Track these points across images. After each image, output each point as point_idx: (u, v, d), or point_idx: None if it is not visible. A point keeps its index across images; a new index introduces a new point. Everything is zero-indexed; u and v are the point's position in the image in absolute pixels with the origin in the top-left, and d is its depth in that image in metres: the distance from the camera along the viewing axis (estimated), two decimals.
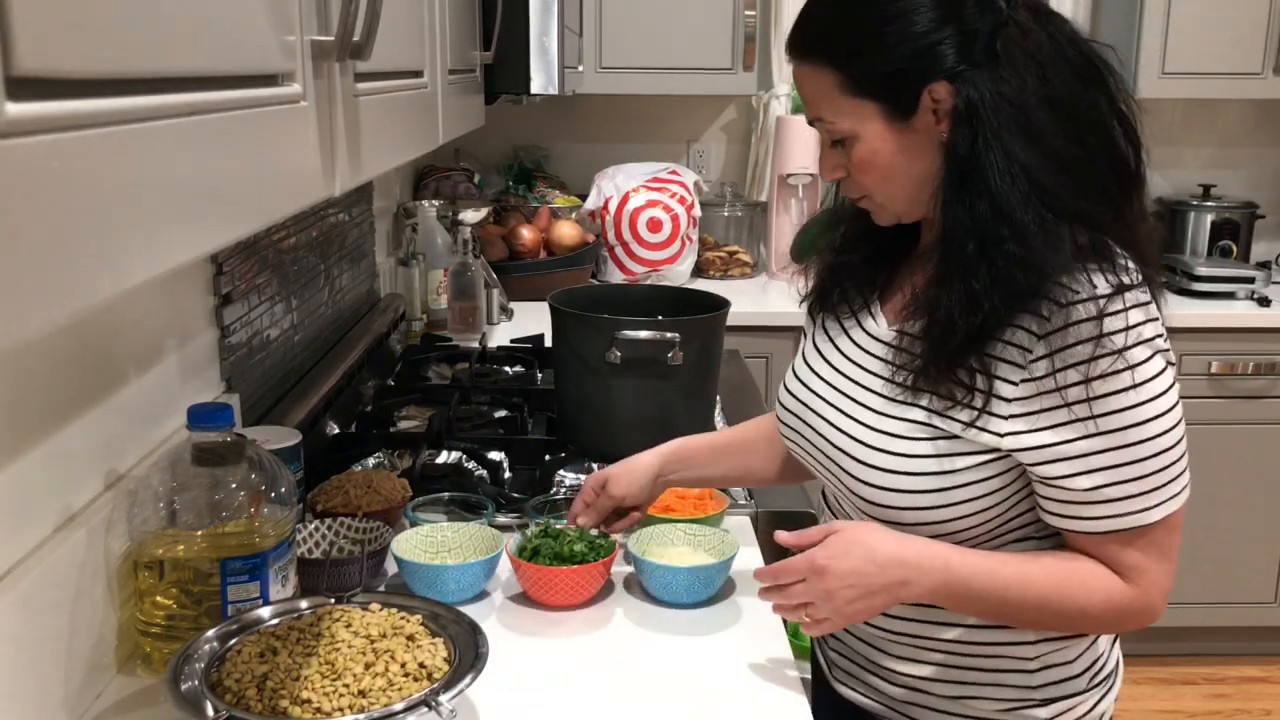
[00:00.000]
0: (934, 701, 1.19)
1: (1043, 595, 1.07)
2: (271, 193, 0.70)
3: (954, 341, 1.05)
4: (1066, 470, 1.03)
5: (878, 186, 1.12)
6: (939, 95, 1.05)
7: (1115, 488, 1.03)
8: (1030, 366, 1.02)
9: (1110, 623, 1.11)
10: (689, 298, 1.90)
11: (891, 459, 1.10)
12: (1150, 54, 3.11)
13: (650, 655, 1.22)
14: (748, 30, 3.16)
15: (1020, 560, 1.09)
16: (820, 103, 1.10)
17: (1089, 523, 1.05)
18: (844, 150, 1.12)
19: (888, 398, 1.12)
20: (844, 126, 1.09)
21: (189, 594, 1.13)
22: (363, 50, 0.84)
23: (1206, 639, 3.21)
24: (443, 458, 1.76)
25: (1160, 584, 1.08)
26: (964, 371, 1.05)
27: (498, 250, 3.03)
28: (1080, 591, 1.07)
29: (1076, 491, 1.04)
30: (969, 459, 1.07)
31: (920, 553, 1.08)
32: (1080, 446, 1.02)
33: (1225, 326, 2.99)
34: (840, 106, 1.09)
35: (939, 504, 1.08)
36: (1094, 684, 1.19)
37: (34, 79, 0.41)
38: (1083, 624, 1.12)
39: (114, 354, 1.18)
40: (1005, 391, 1.04)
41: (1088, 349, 1.00)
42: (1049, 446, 1.03)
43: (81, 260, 0.45)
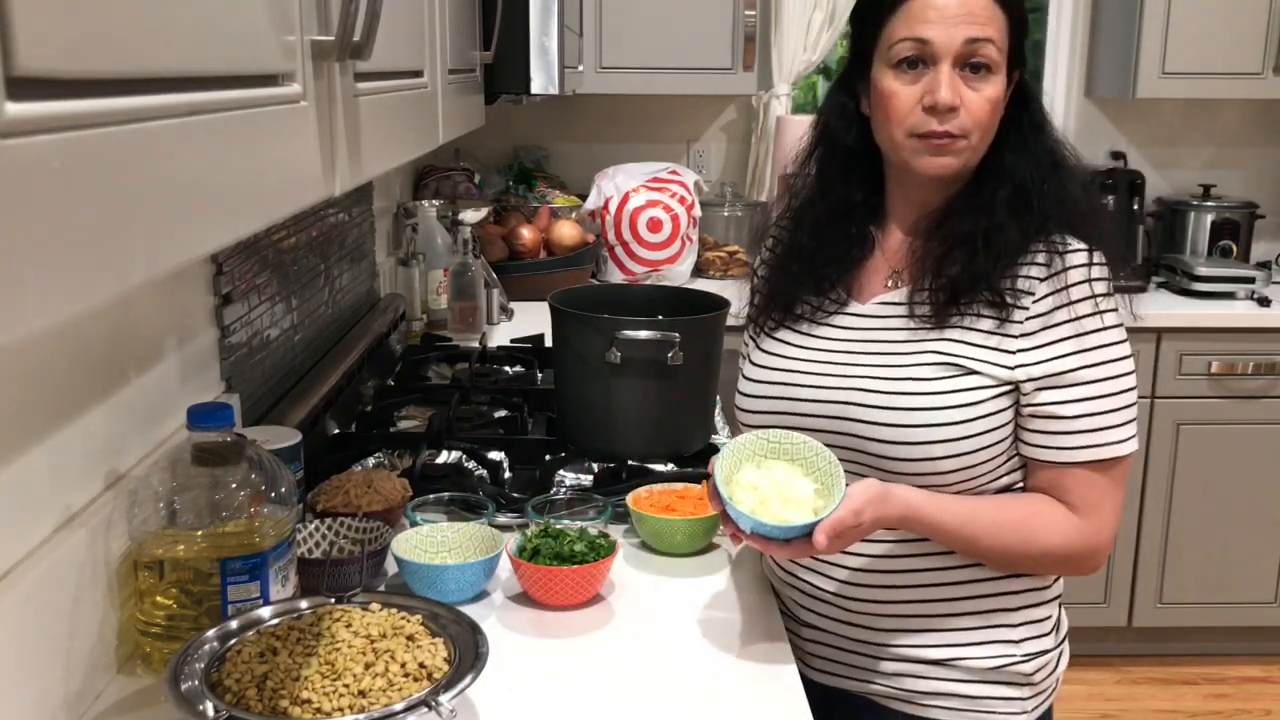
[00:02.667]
0: (925, 669, 1.26)
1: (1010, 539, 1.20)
2: (271, 193, 0.70)
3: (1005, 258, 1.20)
4: (1059, 396, 1.18)
5: (987, 129, 1.22)
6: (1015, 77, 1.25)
7: (1097, 418, 1.18)
8: (1035, 305, 1.18)
9: (1070, 562, 1.23)
10: (689, 298, 1.90)
11: (916, 398, 1.19)
12: (1150, 54, 3.11)
13: (650, 655, 1.22)
14: (748, 30, 3.16)
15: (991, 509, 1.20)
16: (991, 30, 1.20)
17: (1070, 452, 1.19)
18: (973, 81, 1.20)
19: (902, 350, 1.23)
20: (1000, 60, 1.21)
21: (189, 594, 1.13)
22: (363, 50, 0.84)
23: (1206, 639, 3.21)
24: (443, 458, 1.76)
25: (1111, 526, 1.22)
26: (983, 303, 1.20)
27: (498, 250, 3.03)
28: (1043, 533, 1.20)
29: (1065, 420, 1.18)
30: (985, 392, 1.19)
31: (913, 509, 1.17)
32: (1075, 375, 1.18)
33: (1225, 326, 2.99)
34: (1002, 44, 1.21)
35: (960, 436, 1.18)
36: (1059, 642, 1.32)
37: (34, 79, 0.41)
38: (1044, 564, 1.24)
39: (114, 354, 1.18)
40: (1014, 328, 1.19)
41: (1086, 289, 1.18)
42: (1050, 375, 1.18)
43: (81, 260, 0.45)
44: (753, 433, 1.22)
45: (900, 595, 1.26)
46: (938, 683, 1.26)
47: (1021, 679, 1.26)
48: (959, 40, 1.18)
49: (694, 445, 1.77)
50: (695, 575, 1.42)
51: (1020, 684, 1.27)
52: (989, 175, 1.24)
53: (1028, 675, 1.27)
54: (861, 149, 1.30)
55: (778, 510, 1.14)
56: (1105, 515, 1.21)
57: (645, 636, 1.26)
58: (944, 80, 1.18)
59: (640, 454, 1.72)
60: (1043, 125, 1.27)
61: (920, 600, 1.25)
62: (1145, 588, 3.13)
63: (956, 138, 1.20)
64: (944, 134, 1.20)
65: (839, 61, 3.75)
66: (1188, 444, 3.05)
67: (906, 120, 1.21)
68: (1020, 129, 1.25)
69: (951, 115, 1.19)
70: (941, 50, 1.19)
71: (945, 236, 1.23)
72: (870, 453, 1.22)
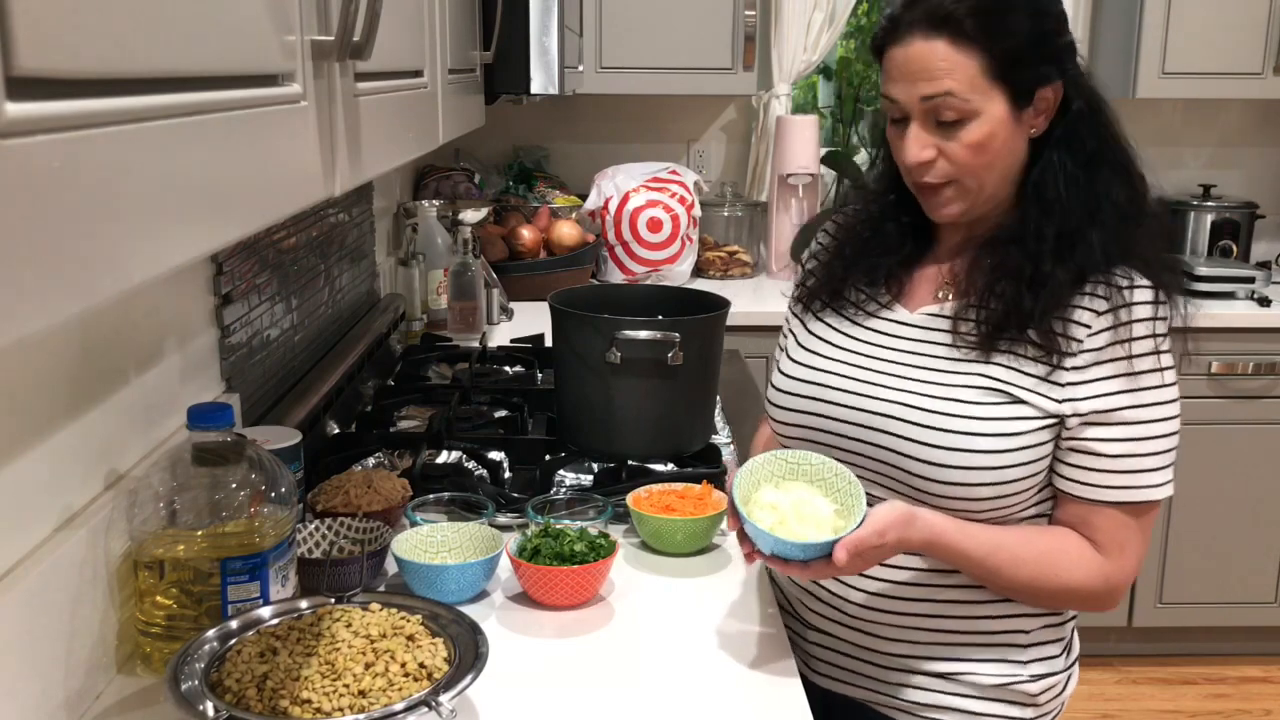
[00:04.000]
0: (928, 681, 1.24)
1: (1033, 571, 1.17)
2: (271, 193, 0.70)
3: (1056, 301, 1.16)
4: (1104, 434, 1.15)
5: (980, 170, 1.18)
6: (1047, 95, 1.17)
7: (1137, 459, 1.16)
8: (1089, 340, 1.15)
9: (1089, 599, 1.20)
10: (689, 298, 1.90)
11: (957, 420, 1.17)
12: (1150, 54, 3.11)
13: (650, 655, 1.22)
14: (748, 30, 3.16)
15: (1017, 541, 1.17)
16: (953, 78, 1.15)
17: (1104, 491, 1.16)
18: (948, 131, 1.16)
19: (948, 369, 1.20)
20: (970, 106, 1.15)
21: (189, 594, 1.13)
22: (363, 50, 0.84)
23: (1206, 639, 3.21)
24: (443, 458, 1.76)
25: (1133, 569, 1.19)
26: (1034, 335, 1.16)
27: (498, 250, 3.03)
28: (1066, 569, 1.17)
29: (1105, 458, 1.16)
30: (1031, 423, 1.16)
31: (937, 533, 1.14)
32: (1122, 415, 1.15)
33: (1225, 326, 2.99)
34: (977, 86, 1.15)
35: (1000, 465, 1.15)
36: (1070, 664, 1.30)
37: (34, 79, 0.41)
38: (1062, 599, 1.21)
39: (114, 354, 1.18)
40: (1067, 361, 1.15)
41: (1145, 327, 1.15)
42: (1098, 412, 1.15)
43: (81, 260, 0.45)
44: (771, 453, 1.21)
45: (914, 609, 1.23)
46: (941, 696, 1.24)
47: (1026, 698, 1.24)
48: (915, 99, 1.16)
49: (694, 445, 1.77)
50: (695, 575, 1.42)
51: (1024, 703, 1.25)
52: (1034, 208, 1.19)
53: (1032, 695, 1.24)
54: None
55: (796, 529, 1.12)
56: (1129, 557, 1.18)
57: (645, 636, 1.26)
58: (909, 138, 1.18)
59: (640, 454, 1.72)
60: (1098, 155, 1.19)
61: (933, 615, 1.23)
62: (1145, 588, 3.13)
63: (942, 187, 1.19)
64: (927, 186, 1.19)
65: (838, 62, 3.75)
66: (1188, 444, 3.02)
67: (906, 174, 1.22)
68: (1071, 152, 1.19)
69: (926, 169, 1.18)
70: (907, 108, 1.18)
71: (992, 266, 1.19)
72: (904, 469, 1.19)
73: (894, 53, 1.17)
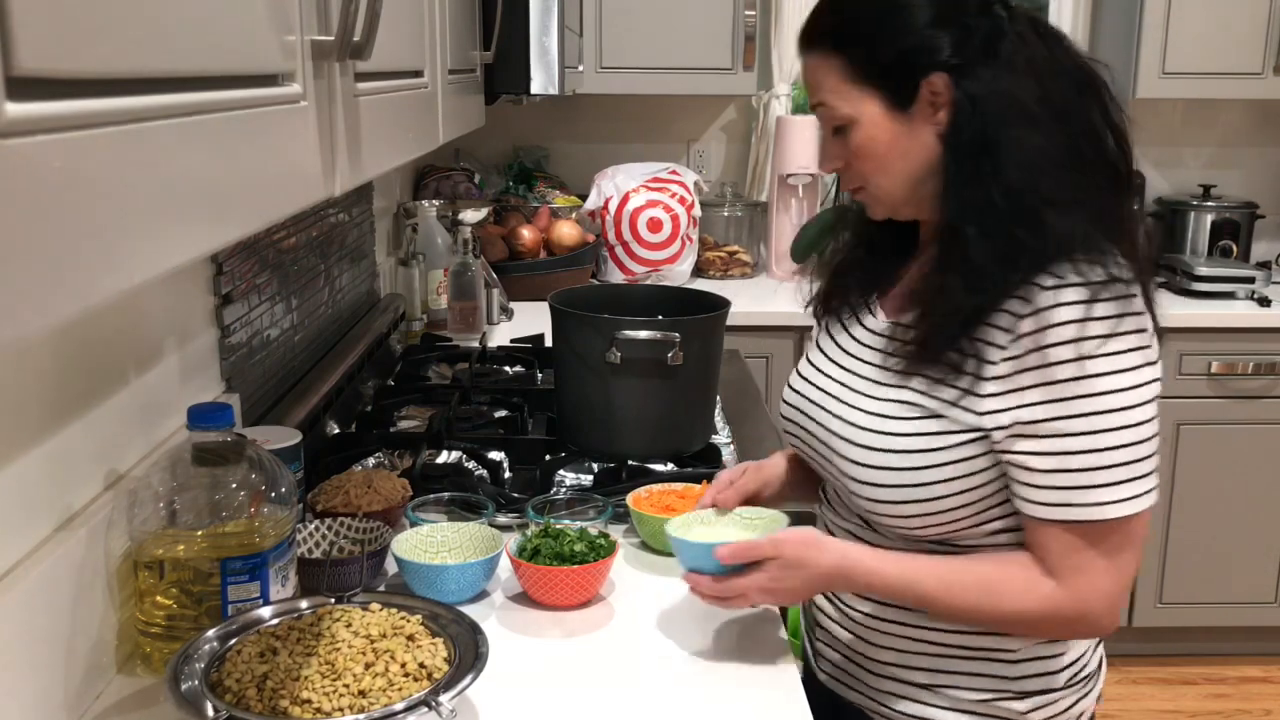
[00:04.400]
0: (912, 691, 1.21)
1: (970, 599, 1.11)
2: (271, 193, 0.70)
3: (951, 323, 1.09)
4: (1031, 447, 1.07)
5: (874, 174, 1.16)
6: (937, 87, 1.10)
7: (1072, 475, 1.06)
8: (1011, 346, 1.06)
9: (1039, 625, 1.13)
10: (689, 298, 1.90)
11: (880, 438, 1.14)
12: (1150, 54, 3.11)
13: (650, 655, 1.22)
14: (748, 30, 3.16)
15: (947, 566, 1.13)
16: (824, 89, 1.15)
17: (1042, 509, 1.08)
18: (844, 139, 1.16)
19: (879, 382, 1.17)
20: (845, 111, 1.14)
21: (189, 594, 1.13)
22: (363, 50, 0.84)
23: (1206, 639, 3.21)
24: (443, 458, 1.76)
25: (1101, 590, 1.08)
26: (954, 352, 1.09)
27: (498, 250, 3.03)
28: (1009, 597, 1.10)
29: (1037, 472, 1.07)
30: (952, 438, 1.10)
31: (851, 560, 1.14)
32: (1049, 426, 1.05)
33: (1225, 326, 2.99)
34: (843, 93, 1.14)
35: (923, 481, 1.12)
36: (1072, 683, 1.21)
37: (34, 79, 0.41)
38: (1013, 625, 1.14)
39: (114, 354, 1.18)
40: (987, 371, 1.08)
41: (1069, 331, 1.03)
42: (1020, 423, 1.06)
43: (81, 260, 0.45)
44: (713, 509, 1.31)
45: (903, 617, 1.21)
46: (925, 707, 1.21)
47: (1013, 715, 1.19)
48: (814, 108, 1.19)
49: (694, 445, 1.77)
50: None
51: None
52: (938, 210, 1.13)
53: (1020, 713, 1.19)
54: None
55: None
56: (1092, 580, 1.07)
57: (645, 637, 1.26)
58: (819, 149, 1.20)
59: (640, 454, 1.72)
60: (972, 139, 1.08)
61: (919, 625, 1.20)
62: (1145, 588, 3.13)
63: (857, 192, 1.20)
64: (849, 190, 1.21)
65: None
66: (1188, 444, 3.04)
67: None
68: (955, 148, 1.10)
69: (841, 173, 1.20)
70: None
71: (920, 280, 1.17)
72: (846, 487, 1.18)
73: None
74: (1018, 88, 1.08)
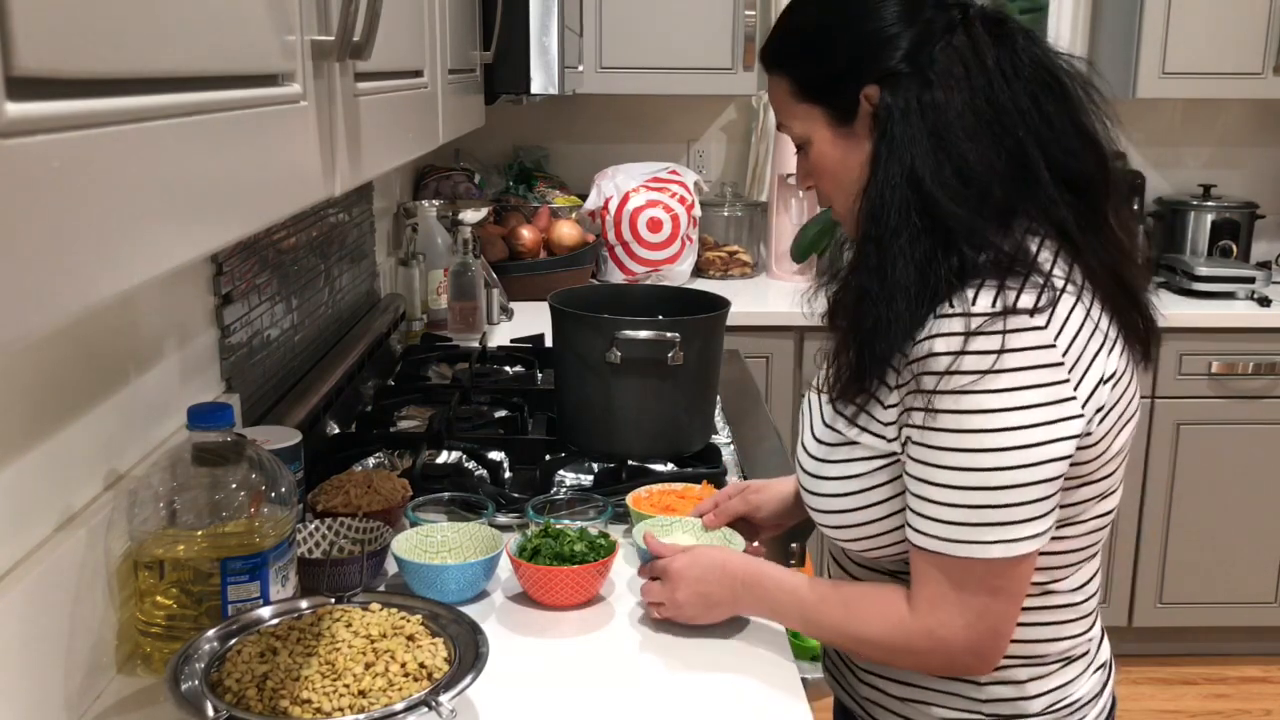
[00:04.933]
0: (890, 703, 1.21)
1: (834, 617, 1.14)
2: (271, 193, 0.70)
3: (855, 350, 1.07)
4: (910, 470, 1.05)
5: (830, 191, 1.17)
6: (873, 98, 1.08)
7: (935, 507, 1.03)
8: (903, 371, 1.04)
9: (898, 653, 1.11)
10: (689, 298, 1.90)
11: (817, 464, 1.17)
12: (1150, 54, 3.11)
13: (650, 655, 1.22)
14: (748, 30, 3.16)
15: (830, 585, 1.18)
16: (779, 109, 1.17)
17: (915, 535, 1.05)
18: (805, 157, 1.18)
19: (821, 411, 1.19)
20: (798, 130, 1.16)
21: (189, 594, 1.13)
22: (363, 50, 0.84)
23: (1206, 639, 3.21)
24: (443, 458, 1.76)
25: (953, 629, 1.05)
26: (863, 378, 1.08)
27: (498, 250, 3.03)
28: (860, 618, 1.11)
29: (911, 497, 1.05)
30: (867, 464, 1.11)
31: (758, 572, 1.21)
32: (916, 451, 1.04)
33: (1225, 326, 2.99)
34: (794, 111, 1.15)
35: (852, 506, 1.13)
36: (1050, 711, 1.16)
37: (34, 79, 0.41)
38: (875, 650, 1.13)
39: (114, 354, 1.18)
40: (886, 397, 1.07)
41: (944, 363, 0.99)
42: (907, 444, 1.05)
43: (81, 260, 0.45)
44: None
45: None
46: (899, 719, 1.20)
47: None
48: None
49: (694, 445, 1.77)
50: None
51: None
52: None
53: None
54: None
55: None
56: (943, 616, 1.04)
57: (645, 637, 1.26)
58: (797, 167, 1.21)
59: (640, 454, 1.72)
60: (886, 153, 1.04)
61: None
62: (1145, 588, 3.13)
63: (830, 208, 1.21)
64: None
65: None
66: (1188, 444, 3.05)
67: None
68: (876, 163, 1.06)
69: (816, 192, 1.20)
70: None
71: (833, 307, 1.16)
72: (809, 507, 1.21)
73: None
74: (943, 99, 1.03)
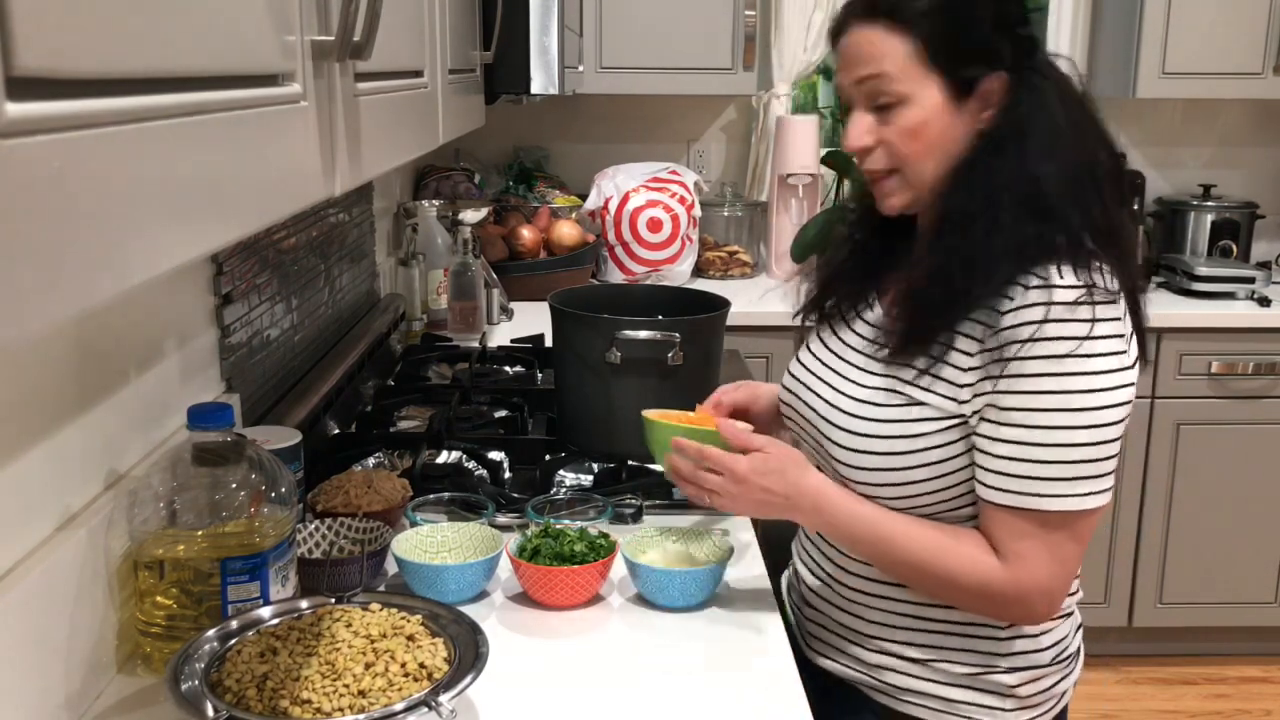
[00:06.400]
0: (905, 665, 1.26)
1: (920, 554, 1.17)
2: (271, 193, 0.70)
3: (941, 312, 1.15)
4: (991, 433, 1.14)
5: (916, 158, 1.17)
6: (994, 87, 1.16)
7: (1023, 464, 1.12)
8: (989, 339, 1.13)
9: (977, 598, 1.18)
10: (689, 298, 1.90)
11: (866, 424, 1.20)
12: (1150, 54, 3.10)
13: (650, 655, 1.22)
14: (748, 30, 3.16)
15: (910, 520, 1.19)
16: (883, 63, 1.16)
17: (994, 493, 1.14)
18: (884, 116, 1.17)
19: (867, 370, 1.24)
20: (900, 90, 1.16)
21: (189, 594, 1.13)
22: (363, 50, 0.84)
23: (1206, 639, 3.21)
24: (443, 458, 1.76)
25: (1038, 580, 1.14)
26: (935, 344, 1.16)
27: (498, 250, 3.03)
28: (953, 558, 1.16)
29: (993, 458, 1.14)
30: (932, 424, 1.17)
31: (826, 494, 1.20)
32: (1010, 416, 1.12)
33: (1225, 326, 2.99)
34: (908, 72, 1.15)
35: (904, 465, 1.19)
36: (1057, 661, 1.28)
37: (34, 79, 0.41)
38: (952, 591, 1.19)
39: (114, 354, 1.18)
40: (963, 361, 1.15)
41: (1051, 329, 1.09)
42: (990, 408, 1.13)
43: (81, 260, 0.45)
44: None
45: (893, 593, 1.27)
46: (917, 681, 1.26)
47: (1003, 689, 1.24)
48: (850, 83, 1.19)
49: None
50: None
51: (1001, 694, 1.25)
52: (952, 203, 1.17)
53: (1009, 686, 1.24)
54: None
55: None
56: (1032, 567, 1.13)
57: (645, 636, 1.26)
58: (850, 124, 1.20)
59: (640, 454, 1.71)
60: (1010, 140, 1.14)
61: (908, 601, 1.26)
62: (1145, 588, 3.13)
63: (883, 177, 1.21)
64: (872, 175, 1.22)
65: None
66: (1188, 444, 3.04)
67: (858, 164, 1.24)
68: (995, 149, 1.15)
69: (867, 156, 1.20)
70: (847, 96, 1.20)
71: (913, 268, 1.21)
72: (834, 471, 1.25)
73: (840, 42, 1.21)
74: (1055, 103, 1.16)
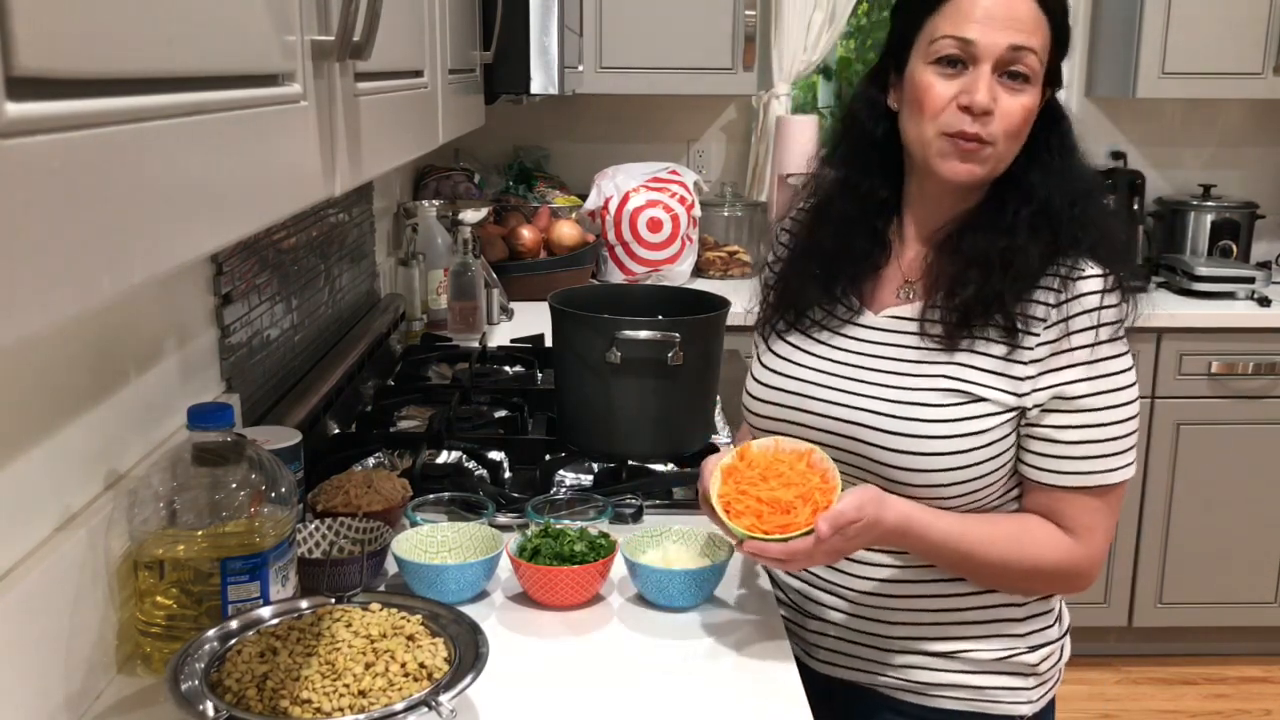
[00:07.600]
0: (933, 661, 1.28)
1: (1004, 554, 1.21)
2: (271, 193, 0.70)
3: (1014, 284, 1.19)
4: (1061, 421, 1.19)
5: (1015, 137, 1.20)
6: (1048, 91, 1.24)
7: (1096, 445, 1.19)
8: (1046, 331, 1.19)
9: (1060, 580, 1.25)
10: (689, 298, 1.90)
11: (923, 425, 1.20)
12: (1150, 54, 3.11)
13: (650, 655, 1.22)
14: (748, 30, 3.16)
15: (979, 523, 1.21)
16: (1034, 39, 1.19)
17: (1064, 477, 1.20)
18: (1011, 89, 1.18)
19: (912, 371, 1.23)
20: (1038, 69, 1.19)
21: (189, 594, 1.13)
22: (363, 50, 0.84)
23: (1206, 639, 3.21)
24: (443, 458, 1.76)
25: (1103, 549, 1.24)
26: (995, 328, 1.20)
27: (498, 250, 3.03)
28: (1033, 547, 1.21)
29: (1063, 444, 1.19)
30: (991, 419, 1.20)
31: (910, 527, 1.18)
32: (1079, 403, 1.18)
33: (1225, 326, 2.99)
34: (1041, 58, 1.20)
35: (967, 463, 1.20)
36: (1063, 634, 1.34)
37: (34, 79, 0.41)
38: (1033, 580, 1.26)
39: (114, 354, 1.18)
40: (1023, 355, 1.19)
41: (1093, 318, 1.18)
42: (1056, 399, 1.19)
43: (82, 260, 0.45)
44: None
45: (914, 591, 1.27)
46: (945, 674, 1.28)
47: (1027, 669, 1.29)
48: (1002, 45, 1.16)
49: (694, 445, 1.77)
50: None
51: (1025, 674, 1.29)
52: (1012, 193, 1.22)
53: (1032, 665, 1.29)
54: (887, 146, 1.28)
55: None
56: (1098, 538, 1.22)
57: (645, 636, 1.26)
58: (982, 82, 1.16)
59: (640, 454, 1.72)
60: (1074, 148, 1.26)
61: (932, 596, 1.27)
62: (1145, 588, 3.13)
63: (985, 143, 1.18)
64: (974, 137, 1.17)
65: (838, 62, 3.75)
66: (1188, 444, 3.04)
67: (940, 116, 1.18)
68: (1049, 149, 1.23)
69: (986, 119, 1.17)
70: (984, 52, 1.16)
71: (962, 254, 1.22)
72: (878, 472, 1.23)
73: None
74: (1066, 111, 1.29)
